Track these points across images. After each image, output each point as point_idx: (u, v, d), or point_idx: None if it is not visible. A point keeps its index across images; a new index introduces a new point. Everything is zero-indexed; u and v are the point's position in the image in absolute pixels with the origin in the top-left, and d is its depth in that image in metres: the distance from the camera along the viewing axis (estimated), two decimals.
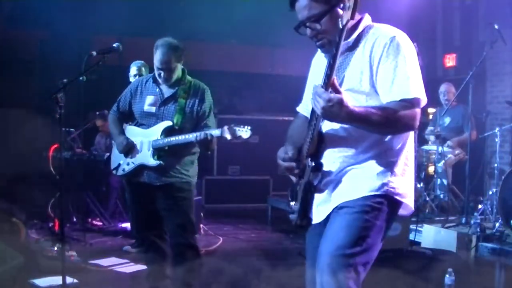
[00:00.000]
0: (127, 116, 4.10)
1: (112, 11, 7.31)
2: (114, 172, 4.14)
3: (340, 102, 2.01)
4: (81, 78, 4.40)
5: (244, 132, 3.74)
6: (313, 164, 2.23)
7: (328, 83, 2.04)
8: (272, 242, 6.53)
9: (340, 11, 2.19)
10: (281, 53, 9.29)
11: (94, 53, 4.32)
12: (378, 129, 2.18)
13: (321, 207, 2.32)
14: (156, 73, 3.91)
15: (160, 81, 3.93)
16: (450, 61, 9.03)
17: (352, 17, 2.02)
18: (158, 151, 3.86)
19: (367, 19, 2.33)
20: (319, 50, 2.43)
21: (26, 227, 5.66)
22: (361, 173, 2.25)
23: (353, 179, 2.26)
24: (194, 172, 4.03)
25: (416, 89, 2.16)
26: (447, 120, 7.19)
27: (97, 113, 7.40)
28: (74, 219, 6.96)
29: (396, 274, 4.08)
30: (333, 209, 2.27)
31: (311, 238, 2.43)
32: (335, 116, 2.06)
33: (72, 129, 6.84)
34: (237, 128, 3.72)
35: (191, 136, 3.73)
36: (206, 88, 3.99)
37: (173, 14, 7.99)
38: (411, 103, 2.16)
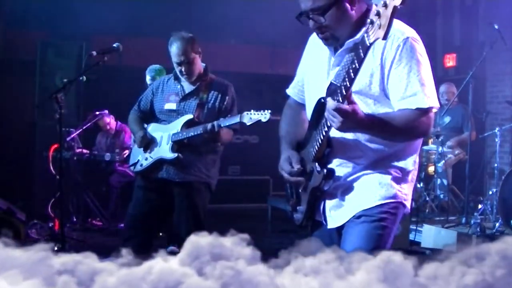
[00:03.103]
0: (148, 115, 4.02)
1: (112, 11, 7.31)
2: (131, 168, 4.05)
3: (356, 114, 1.94)
4: (81, 78, 4.40)
5: (263, 116, 3.67)
6: (325, 171, 2.16)
7: (346, 95, 1.93)
8: (272, 242, 6.52)
9: (347, 5, 2.11)
10: (281, 53, 9.29)
11: (94, 53, 4.32)
12: (394, 137, 2.15)
13: (334, 212, 2.28)
14: (177, 70, 3.84)
15: (182, 77, 3.85)
16: (450, 61, 9.02)
17: (384, 38, 1.75)
18: (177, 145, 3.78)
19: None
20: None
21: (26, 227, 5.67)
22: (376, 180, 2.21)
23: (368, 186, 2.21)
24: (215, 174, 3.95)
25: (431, 98, 2.10)
26: (446, 119, 7.18)
27: (97, 112, 7.40)
28: (74, 219, 6.95)
29: None
30: (350, 218, 2.23)
31: (319, 236, 2.35)
32: (354, 128, 2.02)
33: (72, 129, 6.83)
34: (255, 112, 3.67)
35: (209, 125, 3.66)
36: (230, 84, 3.93)
37: (173, 14, 7.98)
38: (426, 111, 2.10)
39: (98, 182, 7.44)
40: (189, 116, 3.78)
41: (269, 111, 3.68)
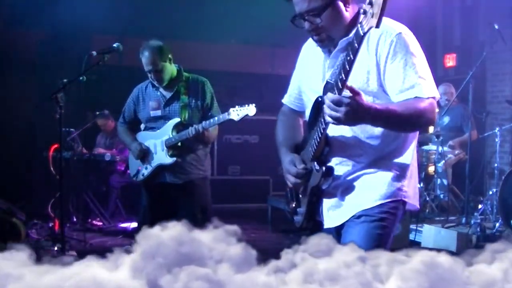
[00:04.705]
0: (135, 124, 4.18)
1: (113, 10, 7.31)
2: (134, 179, 4.20)
3: (362, 104, 1.88)
4: (81, 78, 4.41)
5: (249, 110, 3.79)
6: (324, 169, 2.15)
7: (342, 88, 1.89)
8: (272, 242, 6.52)
9: (342, 5, 2.12)
10: (281, 53, 9.28)
11: (94, 53, 4.34)
12: (401, 127, 2.11)
13: (333, 212, 2.27)
14: (148, 77, 3.99)
15: (155, 84, 3.99)
16: (450, 61, 9.02)
17: (377, 26, 1.73)
18: (172, 149, 3.94)
19: None
20: (311, 39, 2.31)
21: (26, 227, 5.67)
22: (375, 179, 2.20)
23: (368, 185, 2.20)
24: (208, 165, 4.12)
25: (430, 89, 2.08)
26: (446, 119, 7.18)
27: (97, 113, 7.41)
28: (74, 219, 6.96)
29: None
30: (350, 217, 2.21)
31: None
32: (360, 119, 1.95)
33: (72, 129, 6.84)
34: (240, 108, 3.79)
35: (199, 127, 3.83)
36: (205, 80, 4.06)
37: (173, 14, 7.98)
38: (427, 101, 2.07)
39: (98, 182, 7.45)
40: (177, 120, 3.94)
41: (253, 104, 3.80)
